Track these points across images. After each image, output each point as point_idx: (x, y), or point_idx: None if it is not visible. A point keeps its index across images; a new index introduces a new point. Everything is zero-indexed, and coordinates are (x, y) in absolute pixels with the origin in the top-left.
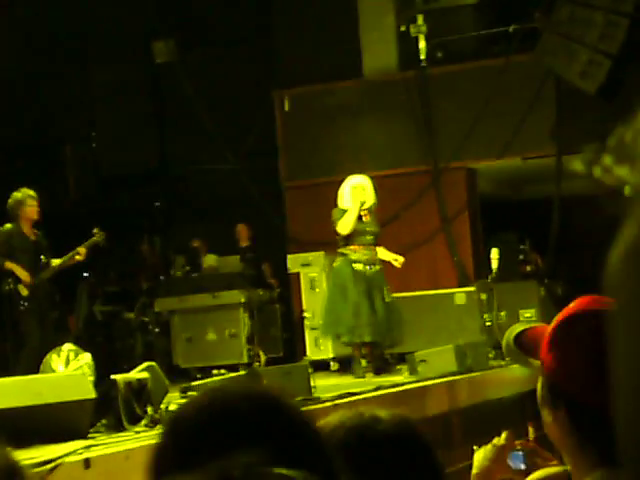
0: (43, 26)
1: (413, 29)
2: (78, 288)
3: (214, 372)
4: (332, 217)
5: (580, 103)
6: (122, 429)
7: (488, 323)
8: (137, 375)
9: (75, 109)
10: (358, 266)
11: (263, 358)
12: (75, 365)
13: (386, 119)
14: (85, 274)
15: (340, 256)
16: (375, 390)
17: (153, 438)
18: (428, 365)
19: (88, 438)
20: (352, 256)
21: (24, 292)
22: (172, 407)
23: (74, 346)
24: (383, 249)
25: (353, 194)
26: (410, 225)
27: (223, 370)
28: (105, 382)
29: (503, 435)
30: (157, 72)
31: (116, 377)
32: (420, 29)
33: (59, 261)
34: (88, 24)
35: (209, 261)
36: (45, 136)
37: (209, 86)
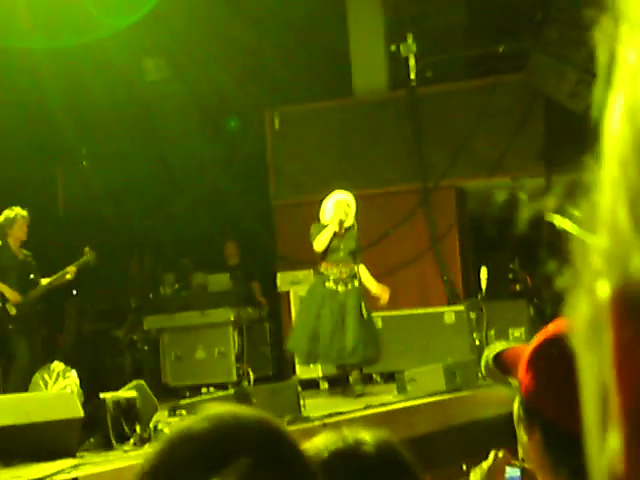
0: None
1: (403, 49)
2: (67, 306)
3: (203, 390)
4: (310, 232)
5: (569, 123)
6: (110, 448)
7: (477, 342)
8: (126, 394)
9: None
10: (330, 285)
11: (252, 376)
12: (63, 383)
13: (376, 138)
14: (74, 292)
15: (317, 274)
16: (364, 409)
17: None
18: (417, 384)
19: (76, 457)
20: (325, 274)
21: (12, 311)
22: (160, 426)
23: (63, 364)
24: (366, 274)
25: (337, 209)
26: (399, 244)
27: (212, 388)
28: (93, 401)
29: (491, 455)
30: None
31: (105, 395)
32: (410, 48)
33: (48, 280)
34: None
35: (198, 279)
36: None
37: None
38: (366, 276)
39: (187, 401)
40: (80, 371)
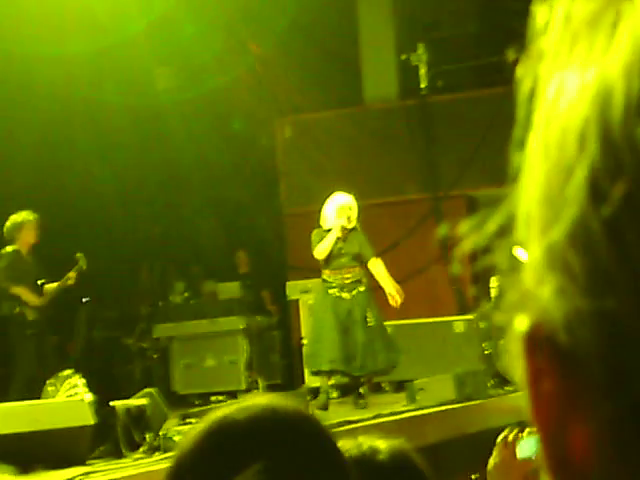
0: None
1: (414, 58)
2: (77, 313)
3: (212, 399)
4: (311, 239)
5: None
6: (121, 456)
7: (487, 351)
8: (136, 402)
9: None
10: (334, 292)
11: (262, 385)
12: (73, 391)
13: (386, 147)
14: (84, 299)
15: (322, 282)
16: (374, 418)
17: (151, 465)
18: (427, 393)
19: (86, 465)
20: (328, 282)
21: (31, 316)
22: (170, 434)
23: (73, 372)
24: (382, 270)
25: (338, 214)
26: (410, 253)
27: (221, 397)
28: (103, 408)
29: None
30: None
31: (115, 403)
32: (421, 58)
33: (54, 286)
34: None
35: (208, 287)
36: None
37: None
38: (381, 273)
39: (198, 409)
40: (90, 379)
